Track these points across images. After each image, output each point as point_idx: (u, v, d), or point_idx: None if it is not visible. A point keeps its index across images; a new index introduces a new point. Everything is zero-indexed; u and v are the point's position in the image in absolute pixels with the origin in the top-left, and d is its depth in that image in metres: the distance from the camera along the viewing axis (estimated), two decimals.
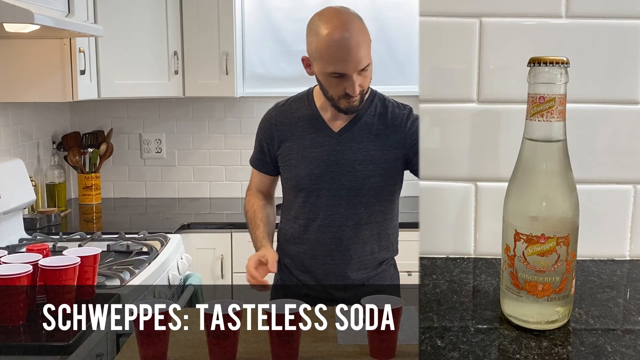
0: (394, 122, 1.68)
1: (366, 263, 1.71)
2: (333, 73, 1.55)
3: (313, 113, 1.70)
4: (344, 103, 1.60)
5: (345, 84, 1.56)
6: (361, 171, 1.65)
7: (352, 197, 1.66)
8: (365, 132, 1.67)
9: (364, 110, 1.67)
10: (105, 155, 3.21)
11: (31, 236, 2.41)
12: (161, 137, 3.31)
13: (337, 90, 1.59)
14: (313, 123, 1.69)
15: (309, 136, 1.69)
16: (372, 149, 1.66)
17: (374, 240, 1.70)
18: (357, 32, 1.53)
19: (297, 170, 1.69)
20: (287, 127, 1.71)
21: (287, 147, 1.71)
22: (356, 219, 1.68)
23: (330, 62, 1.54)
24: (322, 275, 1.71)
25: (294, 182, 1.70)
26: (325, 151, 1.67)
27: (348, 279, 1.70)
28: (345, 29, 1.52)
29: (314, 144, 1.68)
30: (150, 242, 2.33)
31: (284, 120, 1.72)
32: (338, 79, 1.56)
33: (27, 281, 1.49)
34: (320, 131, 1.68)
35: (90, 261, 1.66)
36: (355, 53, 1.52)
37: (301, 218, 1.71)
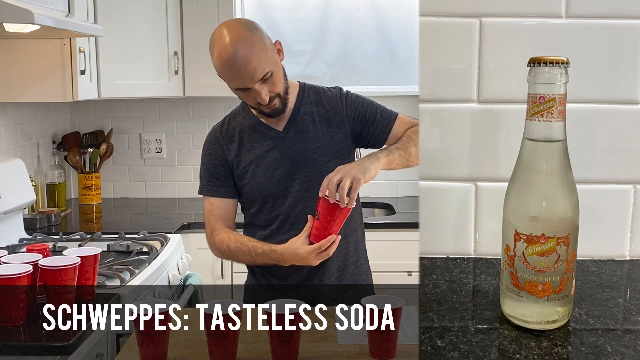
0: (331, 104, 1.72)
1: (340, 248, 1.67)
2: (236, 89, 1.61)
3: (254, 122, 1.72)
4: (265, 108, 1.64)
5: (252, 95, 1.59)
6: (317, 159, 1.67)
7: (316, 187, 1.64)
8: (308, 122, 1.70)
9: (299, 102, 1.71)
10: (105, 155, 3.21)
11: (31, 236, 2.41)
12: (161, 137, 3.31)
13: (249, 100, 1.63)
14: (257, 130, 1.71)
15: (258, 144, 1.70)
16: (321, 135, 1.69)
17: (344, 225, 1.68)
18: (247, 46, 1.54)
19: (256, 179, 1.69)
20: (234, 144, 1.72)
21: (239, 161, 1.71)
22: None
23: (228, 79, 1.59)
24: (297, 270, 1.68)
25: (257, 191, 1.70)
26: (277, 152, 1.68)
27: (323, 267, 1.69)
28: (230, 46, 1.53)
29: (265, 148, 1.69)
30: (150, 242, 2.33)
31: (228, 137, 1.73)
32: (244, 92, 1.60)
33: (27, 281, 1.49)
34: (266, 136, 1.70)
35: (90, 261, 1.66)
36: (245, 68, 1.54)
37: (274, 222, 1.71)
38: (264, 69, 1.56)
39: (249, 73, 1.55)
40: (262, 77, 1.56)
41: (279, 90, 1.62)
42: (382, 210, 3.10)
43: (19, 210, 2.40)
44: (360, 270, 1.79)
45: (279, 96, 1.63)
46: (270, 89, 1.59)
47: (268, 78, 1.58)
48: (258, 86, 1.57)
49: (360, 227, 1.80)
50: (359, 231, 1.79)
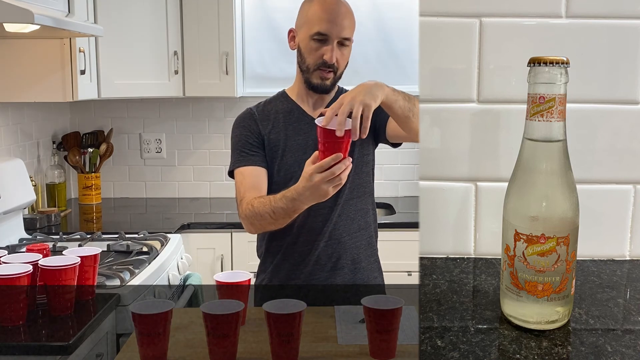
0: None
1: (355, 240, 1.74)
2: (316, 34, 1.65)
3: (291, 105, 1.77)
4: (317, 77, 1.70)
5: (324, 50, 1.66)
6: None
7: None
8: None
9: (336, 97, 1.74)
10: (105, 155, 3.21)
11: (31, 236, 2.41)
12: (161, 137, 3.31)
13: (315, 56, 1.67)
14: (293, 113, 1.76)
15: (291, 126, 1.74)
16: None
17: (359, 216, 1.75)
18: (347, 7, 1.68)
19: (284, 159, 1.72)
20: (268, 122, 1.75)
21: (271, 139, 1.73)
22: (342, 196, 1.71)
23: (317, 22, 1.65)
24: (315, 260, 1.71)
25: (283, 172, 1.72)
26: (308, 137, 1.72)
27: (340, 259, 1.72)
28: (337, 0, 1.67)
29: (297, 132, 1.73)
30: (150, 242, 2.33)
31: (263, 116, 1.76)
32: (320, 43, 1.66)
33: (27, 281, 1.49)
34: (300, 120, 1.75)
35: (90, 261, 1.66)
36: (342, 18, 1.65)
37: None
38: (351, 32, 1.67)
39: (341, 24, 1.64)
40: (346, 37, 1.66)
41: (341, 64, 1.70)
42: (382, 210, 3.10)
43: (19, 210, 2.40)
44: (373, 267, 1.81)
45: (335, 72, 1.70)
46: (339, 57, 1.68)
47: (346, 45, 1.68)
48: (336, 43, 1.66)
49: (374, 223, 1.83)
50: (372, 227, 1.81)
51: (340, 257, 1.73)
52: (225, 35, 2.91)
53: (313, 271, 1.72)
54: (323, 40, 1.66)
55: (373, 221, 1.82)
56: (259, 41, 3.24)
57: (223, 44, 2.91)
